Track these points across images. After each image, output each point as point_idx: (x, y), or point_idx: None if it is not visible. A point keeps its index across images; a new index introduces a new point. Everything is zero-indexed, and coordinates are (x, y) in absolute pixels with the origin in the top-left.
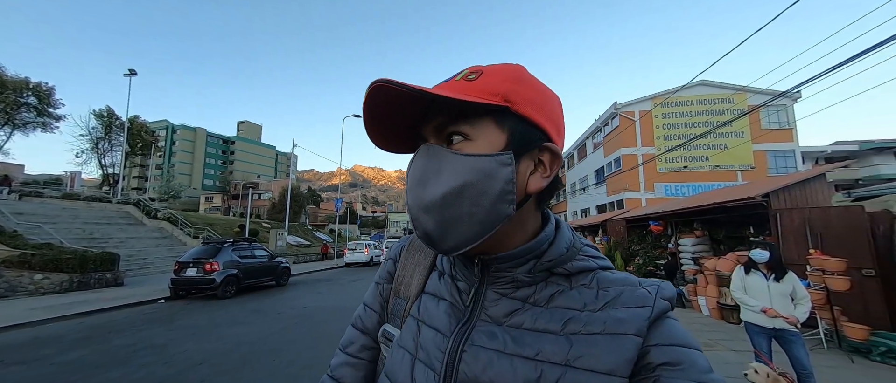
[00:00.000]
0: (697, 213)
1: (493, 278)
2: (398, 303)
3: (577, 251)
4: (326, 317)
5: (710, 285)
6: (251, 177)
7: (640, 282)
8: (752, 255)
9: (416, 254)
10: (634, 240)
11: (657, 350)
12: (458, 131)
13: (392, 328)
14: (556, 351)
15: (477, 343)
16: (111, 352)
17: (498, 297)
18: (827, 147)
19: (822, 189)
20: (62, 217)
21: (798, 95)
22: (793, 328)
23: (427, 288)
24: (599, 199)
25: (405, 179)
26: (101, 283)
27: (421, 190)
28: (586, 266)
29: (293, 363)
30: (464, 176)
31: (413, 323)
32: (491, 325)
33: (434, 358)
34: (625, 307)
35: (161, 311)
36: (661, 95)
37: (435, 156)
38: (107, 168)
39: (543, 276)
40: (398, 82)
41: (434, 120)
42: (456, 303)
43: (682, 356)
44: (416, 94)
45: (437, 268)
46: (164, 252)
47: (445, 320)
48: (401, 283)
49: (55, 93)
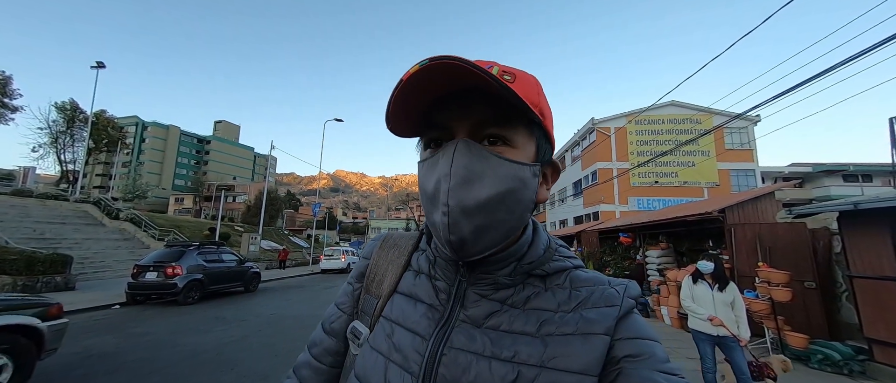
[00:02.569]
0: (662, 226)
1: (475, 279)
2: (369, 301)
3: (553, 252)
4: (292, 325)
5: (671, 295)
6: (227, 178)
7: (610, 281)
8: (698, 266)
9: (390, 251)
10: (606, 250)
11: (621, 343)
12: (500, 134)
13: (361, 325)
14: (531, 352)
15: (456, 345)
16: (51, 361)
17: (478, 298)
18: (784, 167)
19: (772, 206)
20: (10, 215)
21: (758, 118)
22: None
23: (400, 288)
24: (577, 211)
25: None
26: (50, 287)
27: (465, 191)
28: (562, 266)
29: (250, 373)
30: (507, 182)
31: (386, 323)
32: (469, 327)
33: (412, 361)
34: (595, 307)
35: (114, 318)
36: (635, 113)
37: (479, 156)
38: (66, 164)
39: (522, 278)
40: (472, 62)
41: (472, 116)
42: (434, 305)
43: (643, 347)
44: (493, 80)
45: (412, 266)
46: (124, 255)
47: (424, 323)
48: (372, 281)
49: (12, 82)
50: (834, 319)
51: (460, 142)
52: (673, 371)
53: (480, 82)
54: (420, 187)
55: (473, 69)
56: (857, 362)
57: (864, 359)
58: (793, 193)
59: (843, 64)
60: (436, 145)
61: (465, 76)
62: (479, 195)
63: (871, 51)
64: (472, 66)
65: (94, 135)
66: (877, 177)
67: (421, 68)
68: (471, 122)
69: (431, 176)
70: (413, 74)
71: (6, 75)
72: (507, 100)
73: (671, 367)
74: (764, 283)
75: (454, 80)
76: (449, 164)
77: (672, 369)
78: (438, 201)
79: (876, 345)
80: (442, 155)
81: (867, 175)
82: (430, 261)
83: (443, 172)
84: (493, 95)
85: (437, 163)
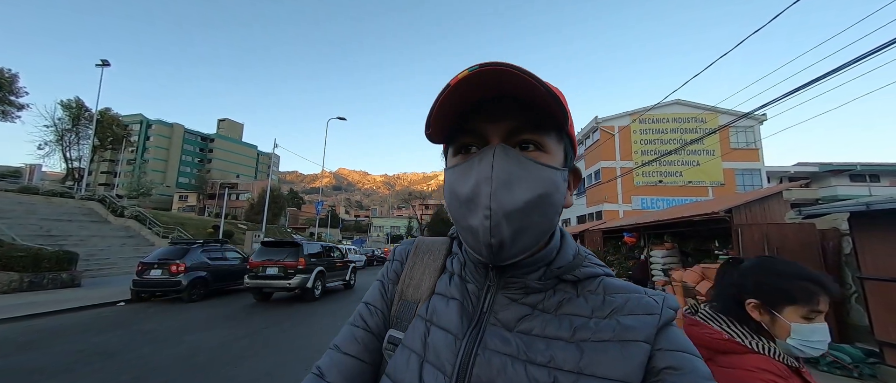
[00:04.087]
0: (667, 226)
1: (505, 283)
2: (405, 307)
3: (582, 258)
4: (297, 323)
5: (676, 296)
6: (230, 176)
7: (646, 291)
8: None
9: (425, 256)
10: (610, 250)
11: (662, 354)
12: (533, 140)
13: (397, 333)
14: (567, 358)
15: (490, 347)
16: (56, 358)
17: (508, 302)
18: (790, 167)
19: (780, 206)
20: (17, 212)
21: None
22: None
23: (437, 290)
24: (580, 210)
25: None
26: (56, 284)
27: (508, 195)
28: (593, 272)
29: (254, 369)
30: (543, 186)
31: (421, 323)
32: (501, 330)
33: (445, 361)
34: (633, 314)
35: (119, 315)
36: (639, 112)
37: (516, 161)
38: (72, 161)
39: (552, 283)
40: (523, 69)
41: (506, 121)
42: (466, 304)
43: (685, 361)
44: (543, 88)
45: (448, 269)
46: (129, 252)
47: (456, 321)
48: (408, 286)
49: (19, 80)
50: (844, 321)
51: (498, 146)
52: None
53: (519, 89)
54: (451, 192)
55: (526, 76)
56: (868, 365)
57: (874, 362)
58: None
59: (851, 63)
60: (466, 151)
61: (508, 82)
62: (518, 198)
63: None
64: (526, 73)
65: (99, 132)
66: (884, 177)
67: (471, 73)
68: (506, 128)
69: (466, 180)
70: (462, 80)
71: (12, 73)
72: (542, 107)
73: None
74: None
75: (499, 85)
76: (490, 168)
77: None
78: (478, 205)
79: (887, 348)
80: (478, 160)
81: (874, 175)
82: (462, 263)
83: (483, 176)
84: (527, 102)
85: (473, 167)
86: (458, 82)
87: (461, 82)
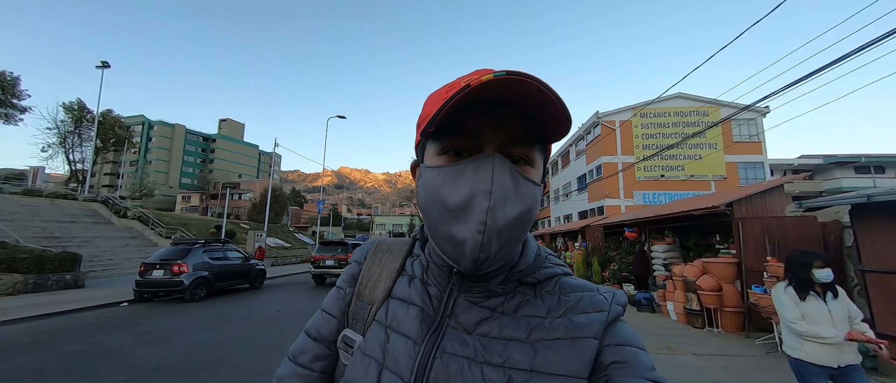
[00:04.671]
0: (668, 221)
1: (467, 287)
2: (361, 308)
3: (543, 260)
4: (297, 322)
5: (677, 290)
6: (232, 176)
7: (598, 288)
8: (817, 276)
9: (384, 257)
10: (611, 246)
11: (609, 349)
12: (523, 154)
13: (353, 333)
14: (522, 358)
15: (448, 350)
16: (59, 358)
17: (469, 306)
18: (794, 160)
19: (781, 199)
20: (20, 214)
21: (766, 110)
22: (857, 360)
23: (395, 293)
24: (581, 206)
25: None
26: (60, 285)
27: (502, 210)
28: (551, 273)
29: (253, 368)
30: (529, 202)
31: (380, 329)
32: (461, 333)
33: (404, 367)
34: (584, 312)
35: (121, 315)
36: (641, 106)
37: (512, 176)
38: (75, 164)
39: (513, 286)
40: (549, 86)
41: (505, 131)
42: (426, 309)
43: (629, 355)
44: (560, 105)
45: (407, 272)
46: (132, 253)
47: (416, 326)
48: (365, 287)
49: (20, 83)
50: None
51: (497, 158)
52: (658, 379)
53: (536, 104)
54: (434, 196)
55: (548, 92)
56: (869, 358)
57: (876, 355)
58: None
59: (856, 52)
60: (455, 154)
61: (527, 95)
62: (509, 215)
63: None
64: (550, 89)
65: (101, 134)
66: (889, 168)
67: (496, 79)
68: (504, 137)
69: (457, 187)
70: (484, 84)
71: (14, 76)
72: (540, 121)
73: (656, 376)
74: (773, 278)
75: (517, 96)
76: (489, 182)
77: (657, 378)
78: (471, 218)
79: (889, 341)
80: (473, 168)
81: (880, 166)
82: (424, 266)
83: (481, 189)
84: (525, 111)
85: (466, 175)
86: (479, 85)
87: (481, 86)
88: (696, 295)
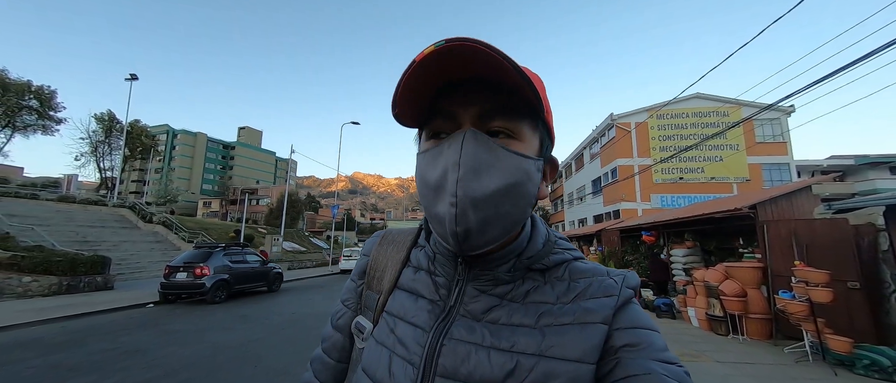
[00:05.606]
0: (688, 224)
1: (475, 275)
2: (370, 297)
3: (552, 245)
4: (314, 323)
5: (699, 296)
6: (250, 182)
7: (609, 272)
8: None
9: (389, 248)
10: (628, 250)
11: (619, 333)
12: (506, 126)
13: (364, 320)
14: (530, 342)
15: (456, 336)
16: (89, 357)
17: (477, 294)
18: (823, 160)
19: (809, 201)
20: (56, 219)
21: (791, 109)
22: None
23: (401, 283)
24: (596, 209)
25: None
26: (91, 287)
27: (475, 181)
28: (561, 258)
29: (271, 367)
30: (513, 175)
31: (389, 318)
32: (469, 320)
33: (413, 353)
34: (593, 297)
35: (148, 316)
36: (657, 107)
37: (487, 146)
38: (105, 171)
39: (522, 273)
40: (491, 45)
41: (479, 104)
42: (435, 301)
43: (641, 337)
44: (512, 66)
45: (412, 263)
46: (157, 256)
47: (425, 316)
48: (373, 278)
49: (57, 96)
50: (881, 322)
51: (468, 131)
52: (670, 359)
53: (488, 69)
54: (420, 179)
55: (494, 54)
56: None
57: None
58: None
59: (889, 46)
60: (437, 137)
61: (476, 61)
62: (487, 186)
63: None
64: (495, 50)
65: (129, 143)
66: None
67: (436, 49)
68: (478, 111)
69: (435, 166)
70: (426, 56)
71: (51, 90)
72: (516, 92)
73: (669, 356)
74: (801, 283)
75: (467, 65)
76: (458, 154)
77: (669, 358)
78: (445, 191)
79: None
80: (448, 145)
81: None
82: (430, 257)
83: (450, 162)
84: (500, 86)
85: (442, 153)
86: (423, 58)
87: (426, 58)
88: (718, 301)
